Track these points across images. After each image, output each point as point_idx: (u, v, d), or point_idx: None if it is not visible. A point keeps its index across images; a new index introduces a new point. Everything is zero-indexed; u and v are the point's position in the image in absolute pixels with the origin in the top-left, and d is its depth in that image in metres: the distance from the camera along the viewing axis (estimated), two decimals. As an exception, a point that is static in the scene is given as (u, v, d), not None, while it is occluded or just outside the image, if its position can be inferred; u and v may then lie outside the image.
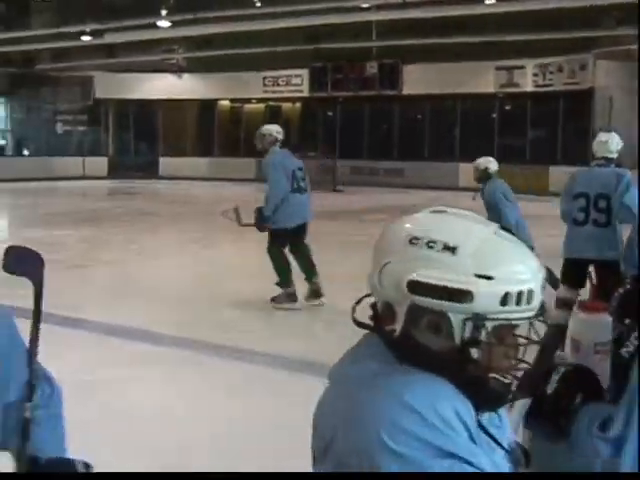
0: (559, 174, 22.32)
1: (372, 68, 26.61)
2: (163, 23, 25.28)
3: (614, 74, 21.87)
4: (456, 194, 21.77)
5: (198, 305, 8.01)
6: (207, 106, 29.70)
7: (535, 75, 24.14)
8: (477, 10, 21.71)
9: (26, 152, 30.44)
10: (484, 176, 8.27)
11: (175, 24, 25.19)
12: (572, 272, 5.86)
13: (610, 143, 5.97)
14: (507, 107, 25.51)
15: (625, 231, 5.16)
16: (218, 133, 29.94)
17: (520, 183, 23.24)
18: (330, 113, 28.40)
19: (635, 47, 20.67)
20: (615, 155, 6.02)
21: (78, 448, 1.35)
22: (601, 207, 5.73)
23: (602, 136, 6.15)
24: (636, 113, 20.44)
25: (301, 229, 8.04)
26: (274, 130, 7.92)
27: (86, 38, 26.52)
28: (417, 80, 25.52)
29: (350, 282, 9.18)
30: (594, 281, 5.81)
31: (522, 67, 24.20)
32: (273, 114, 29.00)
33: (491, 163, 8.37)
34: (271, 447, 4.35)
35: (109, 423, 4.67)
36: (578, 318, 2.07)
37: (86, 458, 1.52)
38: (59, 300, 8.18)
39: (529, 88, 24.28)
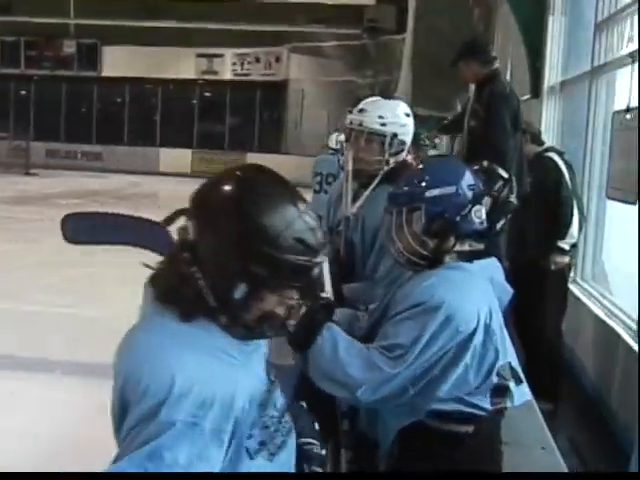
0: (256, 161, 23.16)
1: (70, 47, 25.62)
2: None
3: (306, 68, 23.10)
4: (156, 179, 21.79)
5: None
6: None
7: (234, 64, 24.75)
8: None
9: None
10: None
11: None
12: None
13: (334, 139, 8.35)
14: (207, 94, 25.89)
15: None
16: None
17: (219, 169, 23.67)
18: (24, 92, 26.89)
19: (326, 44, 22.06)
20: (338, 147, 8.11)
21: None
22: (330, 182, 7.95)
23: (334, 135, 8.61)
24: (324, 105, 21.79)
25: None
26: None
27: None
28: (118, 62, 25.00)
29: (50, 269, 8.90)
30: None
31: (222, 55, 24.68)
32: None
33: None
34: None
35: None
36: None
37: None
38: None
39: (228, 76, 24.83)
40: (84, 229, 1.85)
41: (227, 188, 1.43)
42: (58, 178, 21.11)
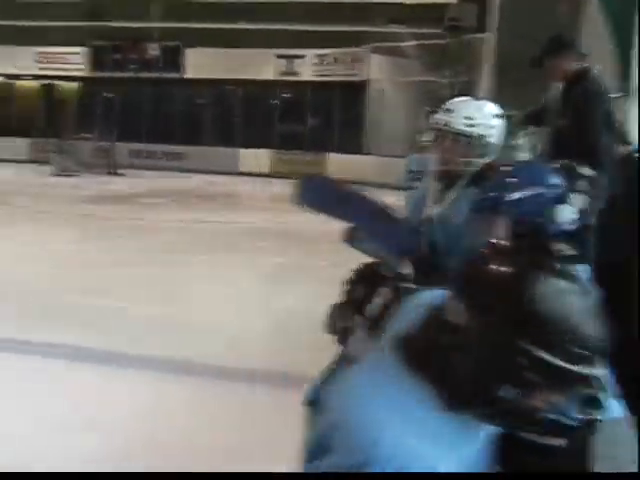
0: (337, 161, 23.20)
1: (154, 50, 26.16)
2: None
3: (386, 68, 23.01)
4: (236, 179, 22.06)
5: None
6: (-27, 81, 27.79)
7: (314, 65, 24.84)
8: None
9: None
10: None
11: None
12: None
13: (424, 138, 8.12)
14: (287, 95, 26.05)
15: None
16: (-14, 110, 28.10)
17: (299, 169, 23.91)
18: (110, 94, 27.57)
19: (405, 44, 21.93)
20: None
21: None
22: (419, 179, 7.99)
23: (424, 134, 8.45)
24: (404, 105, 21.67)
25: None
26: None
27: None
28: (199, 64, 25.41)
29: (132, 266, 9.09)
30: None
31: (302, 56, 24.81)
32: (48, 92, 27.73)
33: None
34: (39, 438, 4.24)
35: None
36: None
37: None
38: None
39: (308, 77, 24.94)
40: (316, 196, 1.82)
41: (506, 272, 1.22)
42: (140, 178, 21.57)
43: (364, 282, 1.96)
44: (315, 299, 6.84)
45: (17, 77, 27.89)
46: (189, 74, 25.82)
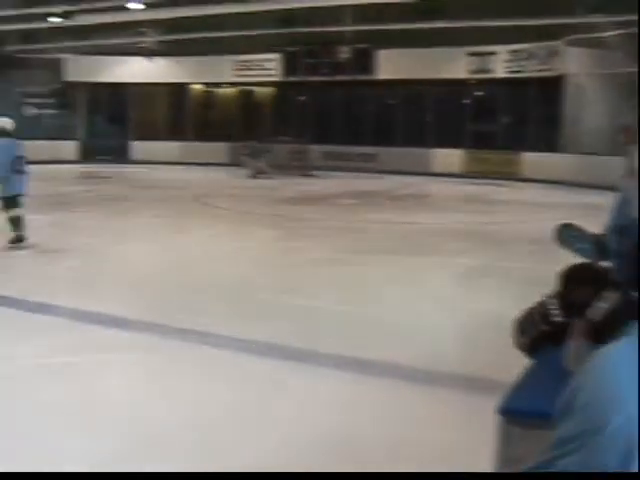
0: (532, 160, 22.52)
1: (345, 53, 26.53)
2: (134, 5, 25.00)
3: (584, 61, 22.00)
4: (429, 179, 21.93)
5: (167, 290, 7.97)
6: (179, 90, 29.46)
7: (507, 61, 24.20)
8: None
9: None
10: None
11: (148, 6, 24.91)
12: None
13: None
14: (479, 93, 25.57)
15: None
16: (190, 117, 29.72)
17: (492, 168, 23.43)
18: (303, 98, 28.31)
19: (606, 34, 20.85)
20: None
21: (45, 432, 1.32)
22: None
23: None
24: (605, 100, 20.64)
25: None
26: (8, 122, 10.63)
27: (55, 20, 26.13)
28: (390, 65, 25.49)
29: (326, 266, 9.24)
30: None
31: (494, 53, 24.25)
32: (245, 98, 28.91)
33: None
34: (238, 434, 4.35)
35: (77, 408, 4.64)
36: None
37: (52, 444, 1.49)
38: (28, 285, 8.13)
39: (501, 74, 24.35)
40: None
41: None
42: (334, 179, 21.95)
43: (585, 283, 1.79)
44: (509, 302, 6.62)
45: (217, 85, 29.30)
46: (380, 75, 25.95)
